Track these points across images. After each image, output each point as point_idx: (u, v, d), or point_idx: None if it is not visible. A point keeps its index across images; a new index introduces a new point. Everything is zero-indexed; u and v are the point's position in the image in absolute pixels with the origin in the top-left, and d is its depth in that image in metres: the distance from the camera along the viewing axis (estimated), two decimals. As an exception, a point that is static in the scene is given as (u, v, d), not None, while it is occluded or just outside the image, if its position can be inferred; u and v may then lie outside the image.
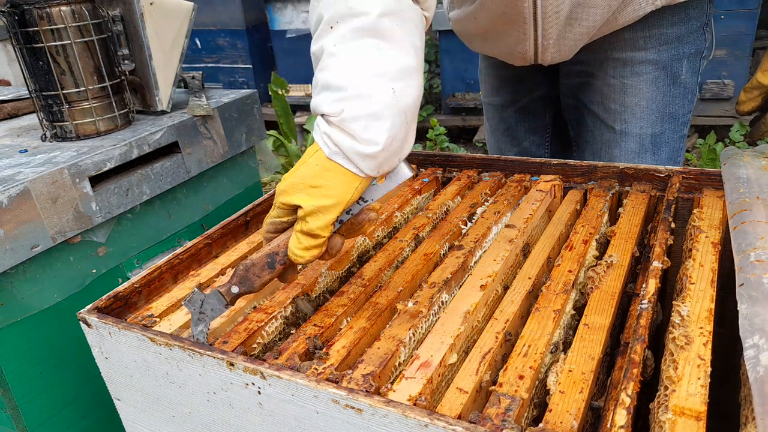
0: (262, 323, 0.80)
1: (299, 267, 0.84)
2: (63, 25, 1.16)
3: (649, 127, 1.27)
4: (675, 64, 1.22)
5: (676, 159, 1.32)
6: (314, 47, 0.75)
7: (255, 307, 0.87)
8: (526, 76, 1.42)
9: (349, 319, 0.81)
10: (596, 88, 1.30)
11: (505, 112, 1.50)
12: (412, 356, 0.71)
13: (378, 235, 1.04)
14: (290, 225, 0.78)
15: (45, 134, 1.26)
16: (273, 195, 1.15)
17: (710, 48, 1.30)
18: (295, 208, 0.75)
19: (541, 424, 0.59)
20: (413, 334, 0.75)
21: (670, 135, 1.29)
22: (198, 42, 4.56)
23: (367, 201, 0.78)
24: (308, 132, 3.85)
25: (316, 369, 0.68)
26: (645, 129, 1.27)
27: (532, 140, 1.52)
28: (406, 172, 0.77)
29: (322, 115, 0.72)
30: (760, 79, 1.19)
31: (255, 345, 0.78)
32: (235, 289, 0.77)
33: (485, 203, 1.11)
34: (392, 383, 0.66)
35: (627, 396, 0.58)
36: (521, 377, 0.66)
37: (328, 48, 0.72)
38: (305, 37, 4.29)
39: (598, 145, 1.35)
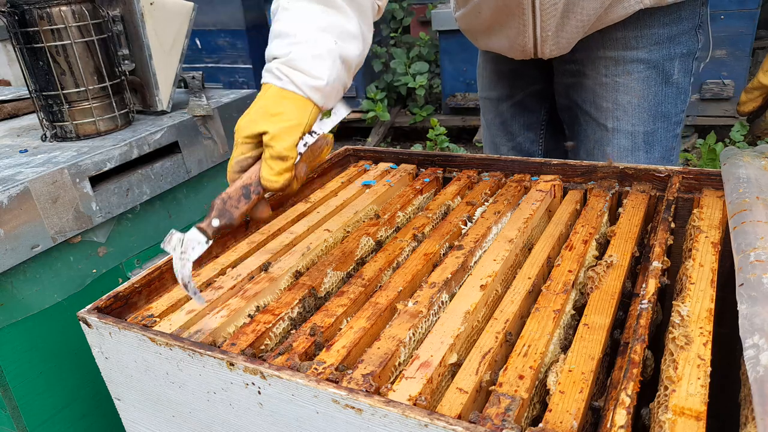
0: (270, 324, 0.80)
1: (268, 202, 0.89)
2: (63, 25, 1.16)
3: (642, 125, 1.29)
4: (666, 63, 1.24)
5: (669, 158, 1.34)
6: (273, 6, 0.89)
7: (258, 308, 0.87)
8: (523, 72, 1.45)
9: (349, 319, 0.81)
10: (588, 87, 1.32)
11: (501, 107, 1.52)
12: (412, 356, 0.71)
13: (381, 235, 1.04)
14: (255, 160, 0.84)
15: (45, 134, 1.26)
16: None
17: (706, 50, 1.32)
18: (259, 140, 0.83)
19: (541, 424, 0.59)
20: (413, 334, 0.75)
21: (663, 134, 1.31)
22: (198, 42, 4.56)
23: (318, 133, 0.87)
24: (308, 132, 3.85)
25: (316, 369, 0.68)
26: (637, 127, 1.29)
27: (527, 136, 1.54)
28: (344, 110, 0.92)
29: (274, 59, 0.84)
30: (761, 80, 1.19)
31: (263, 347, 0.78)
32: (215, 222, 0.79)
33: (485, 203, 1.11)
34: (392, 383, 0.66)
35: (627, 396, 0.58)
36: (521, 377, 0.66)
37: (282, 4, 0.86)
38: (305, 37, 4.28)
39: (591, 144, 1.36)
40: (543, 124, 1.53)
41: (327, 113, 0.89)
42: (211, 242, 0.79)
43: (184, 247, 0.79)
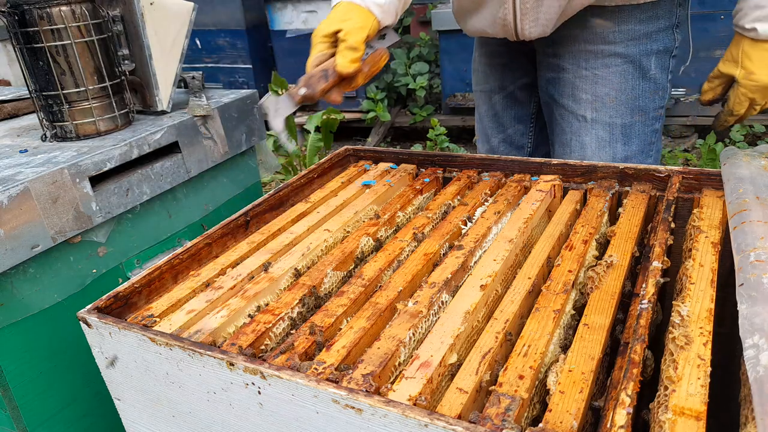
0: (270, 324, 0.80)
1: (341, 91, 1.08)
2: (63, 25, 1.16)
3: (619, 118, 1.32)
4: (643, 59, 1.28)
5: (648, 152, 1.36)
6: None
7: (259, 308, 0.87)
8: (514, 65, 1.50)
9: (349, 319, 0.81)
10: (568, 81, 1.35)
11: (494, 98, 1.57)
12: (412, 356, 0.71)
13: (381, 235, 1.04)
14: (329, 57, 1.05)
15: (45, 134, 1.26)
16: (273, 194, 1.15)
17: (686, 52, 1.37)
18: (333, 39, 1.05)
19: (541, 424, 0.59)
20: (413, 334, 0.75)
21: (641, 128, 1.33)
22: (198, 42, 4.56)
23: (376, 48, 1.08)
24: (308, 132, 3.85)
25: (316, 369, 0.68)
26: (615, 119, 1.32)
27: (517, 128, 1.58)
28: (394, 36, 1.11)
29: None
30: (721, 69, 1.22)
31: (263, 347, 0.78)
32: (302, 91, 1.02)
33: (485, 203, 1.11)
34: (392, 383, 0.66)
35: (627, 396, 0.58)
36: (521, 377, 0.66)
37: None
38: (305, 38, 4.28)
39: (567, 135, 1.39)
40: (533, 117, 1.58)
41: (381, 37, 1.11)
42: (297, 106, 1.04)
43: (278, 106, 1.04)
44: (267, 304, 0.87)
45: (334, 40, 1.05)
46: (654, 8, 1.25)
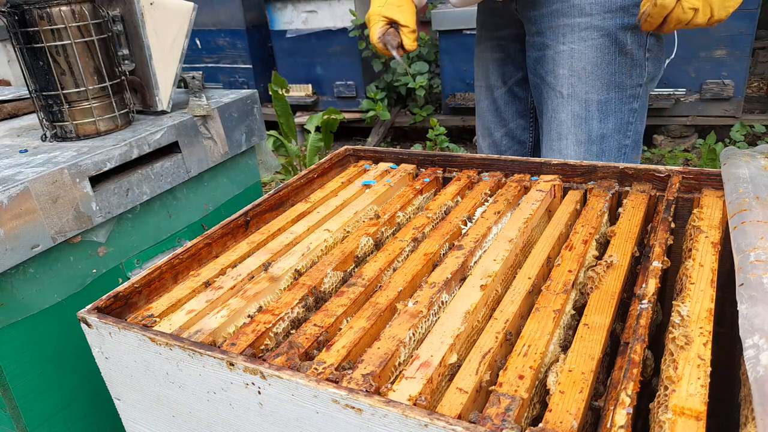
0: (270, 324, 0.80)
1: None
2: (63, 25, 1.16)
3: (595, 93, 1.31)
4: (619, 33, 1.27)
5: (625, 132, 1.35)
6: None
7: (260, 308, 0.87)
8: (510, 59, 1.53)
9: (349, 319, 0.81)
10: (549, 57, 1.36)
11: (496, 93, 1.60)
12: (412, 356, 0.71)
13: (381, 236, 1.04)
14: (388, 29, 1.44)
15: (45, 134, 1.26)
16: (273, 194, 1.15)
17: (670, 44, 1.35)
18: (390, 20, 1.42)
19: (541, 424, 0.59)
20: (413, 334, 0.75)
21: (617, 105, 1.32)
22: (198, 42, 4.56)
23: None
24: (308, 132, 3.85)
25: (316, 369, 0.68)
26: (591, 95, 1.32)
27: (519, 123, 1.60)
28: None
29: None
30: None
31: (263, 347, 0.78)
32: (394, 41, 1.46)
33: (485, 203, 1.11)
34: (392, 383, 0.66)
35: (627, 396, 0.58)
36: (521, 377, 0.66)
37: None
38: (305, 37, 4.28)
39: (549, 114, 1.40)
40: (532, 111, 1.59)
41: None
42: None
43: (390, 39, 1.43)
44: (267, 305, 0.87)
45: (391, 21, 1.41)
46: None
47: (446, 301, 0.83)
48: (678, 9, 1.09)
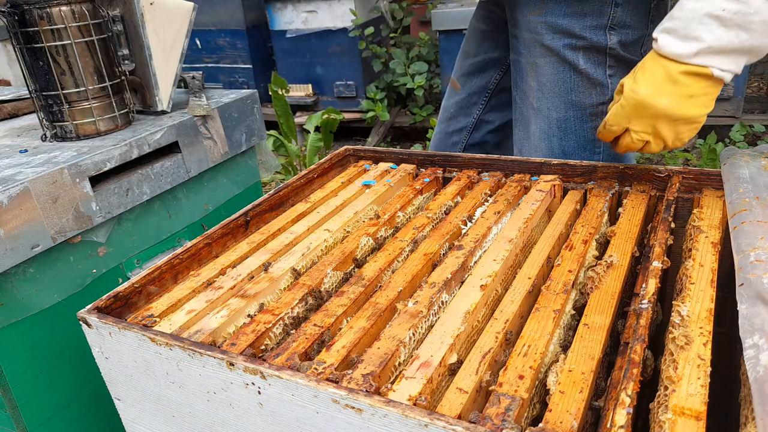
0: (270, 324, 0.80)
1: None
2: (63, 25, 1.16)
3: (554, 110, 1.29)
4: (568, 53, 1.24)
5: (592, 149, 1.31)
6: None
7: (261, 306, 0.87)
8: (492, 35, 1.51)
9: (349, 319, 0.81)
10: (522, 65, 1.35)
11: (467, 61, 1.61)
12: (412, 356, 0.71)
13: (381, 236, 1.04)
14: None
15: (45, 134, 1.26)
16: (273, 194, 1.15)
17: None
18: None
19: (541, 424, 0.59)
20: (413, 334, 0.75)
21: (577, 123, 1.29)
22: (198, 42, 4.56)
23: None
24: (308, 132, 3.85)
25: (316, 369, 0.68)
26: (551, 111, 1.30)
27: (472, 98, 1.59)
28: None
29: None
30: (623, 80, 1.05)
31: (263, 347, 0.78)
32: None
33: (485, 203, 1.11)
34: (392, 383, 0.66)
35: (627, 396, 0.58)
36: (521, 377, 0.66)
37: None
38: (305, 37, 4.29)
39: (519, 122, 1.39)
40: (488, 92, 1.56)
41: None
42: None
43: None
44: (267, 305, 0.87)
45: None
46: (580, 5, 1.20)
47: (446, 301, 0.83)
48: (627, 137, 1.02)
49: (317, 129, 3.86)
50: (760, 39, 0.89)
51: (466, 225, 1.03)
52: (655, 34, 0.96)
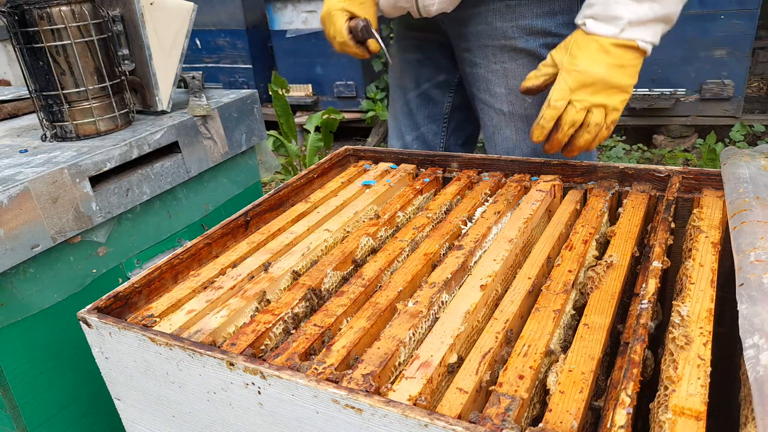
0: (270, 324, 0.80)
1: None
2: (63, 25, 1.16)
3: (534, 109, 1.29)
4: (544, 51, 1.25)
5: None
6: None
7: (258, 308, 0.87)
8: (429, 61, 1.50)
9: (349, 319, 0.81)
10: (481, 76, 1.35)
11: (408, 95, 1.56)
12: (412, 356, 0.71)
13: (381, 236, 1.04)
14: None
15: (45, 134, 1.26)
16: (273, 194, 1.15)
17: None
18: (351, 14, 1.34)
19: (541, 424, 0.59)
20: (413, 334, 0.75)
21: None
22: (198, 42, 4.56)
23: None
24: (308, 132, 3.85)
25: (316, 369, 0.68)
26: (530, 110, 1.31)
27: (430, 128, 1.57)
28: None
29: None
30: (552, 54, 1.13)
31: (263, 347, 0.78)
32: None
33: (485, 203, 1.11)
34: (392, 383, 0.66)
35: (627, 396, 0.58)
36: (521, 377, 0.66)
37: None
38: (305, 37, 4.29)
39: (490, 130, 1.39)
40: (446, 117, 1.56)
41: None
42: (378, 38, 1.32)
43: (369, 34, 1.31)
44: (268, 301, 0.87)
45: (352, 17, 1.30)
46: (550, 4, 1.24)
47: (446, 301, 0.83)
48: (570, 111, 1.07)
49: (317, 129, 3.86)
50: (670, 7, 1.03)
51: (466, 225, 1.03)
52: (578, 21, 1.08)
